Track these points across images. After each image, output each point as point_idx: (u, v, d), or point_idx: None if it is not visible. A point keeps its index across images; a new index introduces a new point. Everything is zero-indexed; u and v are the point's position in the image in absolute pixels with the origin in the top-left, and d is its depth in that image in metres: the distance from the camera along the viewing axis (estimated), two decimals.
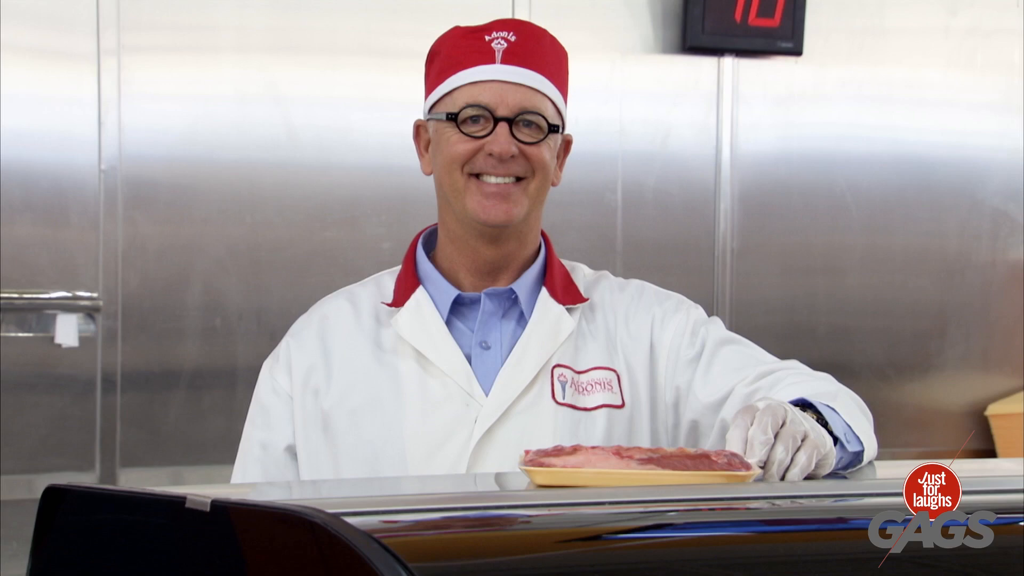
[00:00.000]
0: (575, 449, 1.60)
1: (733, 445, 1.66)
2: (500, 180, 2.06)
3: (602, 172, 4.62)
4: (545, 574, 1.27)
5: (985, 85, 5.00)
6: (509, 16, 4.45)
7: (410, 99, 2.13)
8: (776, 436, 1.66)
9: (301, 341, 2.15)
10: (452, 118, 2.06)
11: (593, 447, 1.60)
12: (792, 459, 1.67)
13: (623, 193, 4.64)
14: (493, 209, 2.06)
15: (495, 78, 2.06)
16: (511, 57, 2.07)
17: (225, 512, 1.32)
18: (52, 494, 1.51)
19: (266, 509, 1.33)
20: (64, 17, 4.11)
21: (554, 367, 2.09)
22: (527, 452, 1.61)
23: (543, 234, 2.20)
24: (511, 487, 1.71)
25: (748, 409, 1.70)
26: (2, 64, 4.05)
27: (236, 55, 4.28)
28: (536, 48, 2.10)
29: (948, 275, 5.00)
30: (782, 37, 4.66)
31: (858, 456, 1.84)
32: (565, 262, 2.22)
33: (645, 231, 4.67)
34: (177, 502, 1.35)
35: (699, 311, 2.18)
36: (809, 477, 1.68)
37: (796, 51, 4.69)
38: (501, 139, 2.04)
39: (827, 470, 1.72)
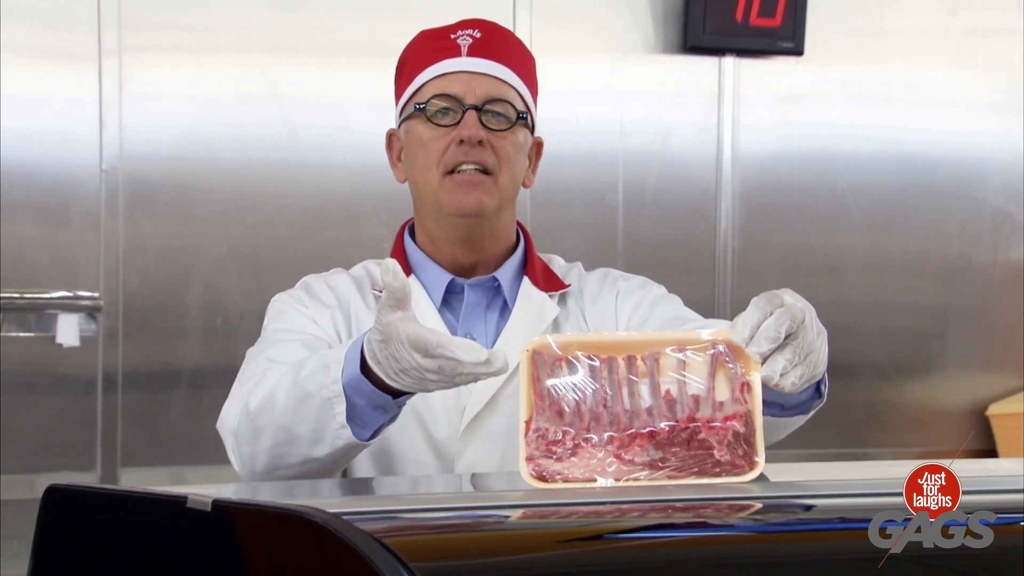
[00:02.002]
0: (576, 448, 1.59)
1: (741, 326, 1.63)
2: (470, 168, 2.09)
3: (603, 172, 4.62)
4: (546, 574, 1.27)
5: (986, 85, 4.99)
6: (510, 16, 4.46)
7: None
8: (788, 339, 1.64)
9: (316, 295, 2.17)
10: (421, 108, 2.10)
11: (595, 442, 1.60)
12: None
13: (624, 193, 4.64)
14: (466, 197, 2.10)
15: (462, 69, 2.10)
16: (477, 51, 2.11)
17: (226, 512, 1.32)
18: (53, 494, 1.51)
19: (267, 509, 1.33)
20: (65, 17, 4.11)
21: None
22: (528, 424, 1.61)
23: (523, 228, 2.25)
24: (512, 487, 1.71)
25: (774, 297, 1.68)
26: (3, 64, 4.05)
27: (237, 55, 4.28)
28: (501, 44, 2.15)
29: (949, 275, 5.00)
30: (783, 37, 4.66)
31: (811, 402, 1.86)
32: (541, 255, 2.26)
33: (646, 231, 4.67)
34: (178, 502, 1.35)
35: (660, 288, 2.24)
36: None
37: (797, 51, 4.69)
38: (470, 124, 2.07)
39: (800, 390, 1.70)
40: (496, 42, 2.14)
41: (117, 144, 4.15)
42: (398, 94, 2.20)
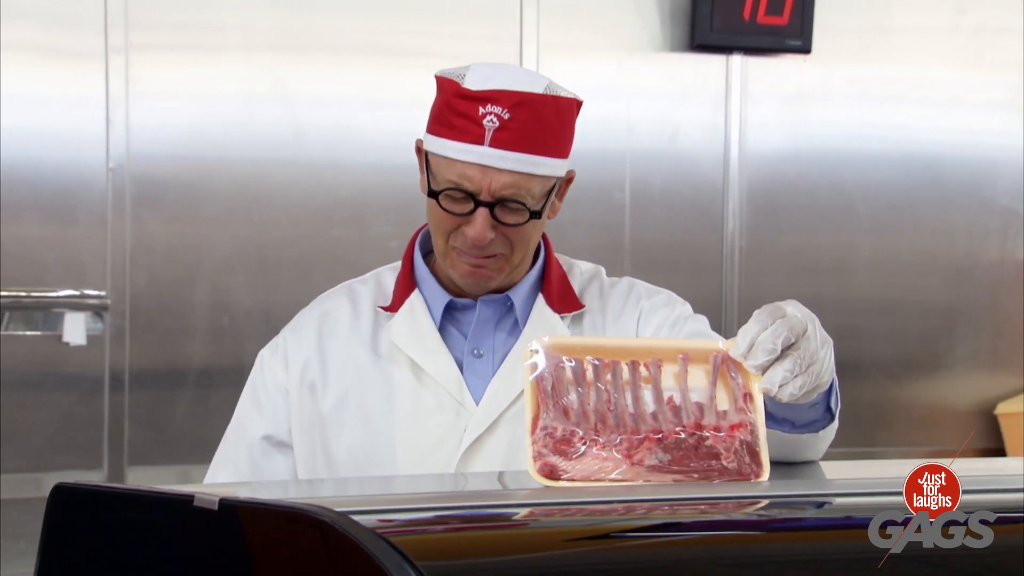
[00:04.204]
0: (585, 448, 1.59)
1: (741, 339, 1.65)
2: (477, 261, 2.04)
3: (610, 170, 4.62)
4: (553, 573, 1.27)
5: (993, 84, 4.99)
6: (517, 14, 4.45)
7: (417, 98, 2.12)
8: (788, 349, 1.64)
9: (300, 336, 2.14)
10: (434, 196, 2.02)
11: (603, 443, 1.60)
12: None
13: (631, 192, 4.64)
14: (472, 277, 2.05)
15: (480, 162, 1.98)
16: (500, 139, 1.97)
17: (233, 511, 1.32)
18: (60, 492, 1.51)
19: (274, 507, 1.33)
20: (72, 16, 4.12)
21: None
22: (535, 423, 1.60)
23: (543, 237, 2.17)
24: (519, 486, 1.70)
25: (776, 309, 1.67)
26: (10, 63, 4.05)
27: (243, 54, 4.29)
28: (530, 121, 1.99)
29: (957, 274, 4.99)
30: (791, 35, 4.66)
31: (822, 423, 1.84)
32: (562, 259, 2.20)
33: (653, 230, 4.66)
34: (185, 500, 1.35)
35: (686, 307, 2.17)
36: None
37: (805, 49, 4.68)
38: (478, 226, 1.99)
39: (804, 400, 1.69)
40: (524, 121, 1.98)
41: (124, 143, 4.15)
42: (430, 115, 2.07)
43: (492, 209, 1.99)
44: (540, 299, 2.13)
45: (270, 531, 1.30)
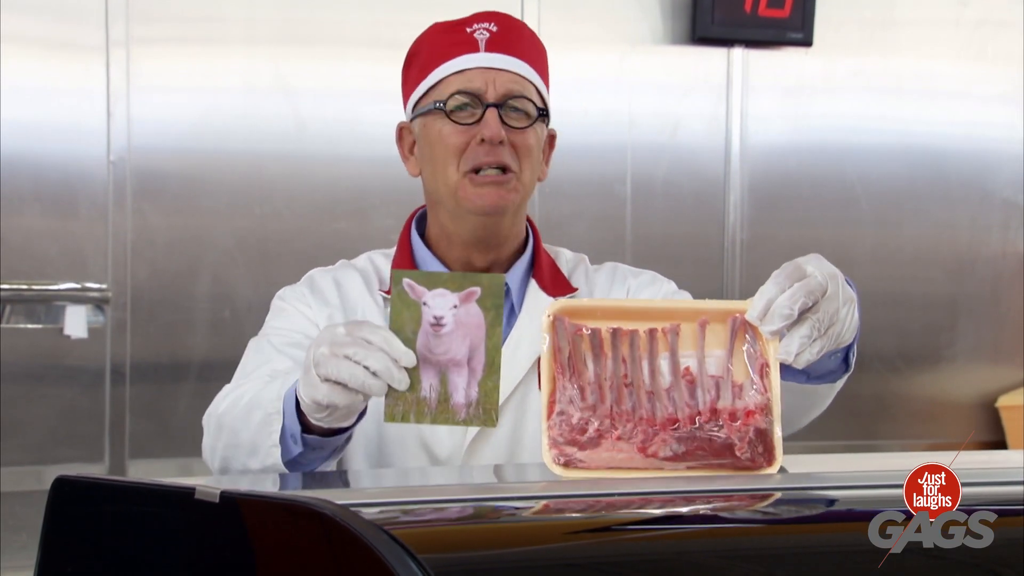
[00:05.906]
0: (599, 438, 1.59)
1: (757, 300, 1.64)
2: (492, 171, 2.06)
3: (611, 164, 4.61)
4: (556, 565, 1.27)
5: (996, 76, 4.98)
6: (519, 7, 4.45)
7: None
8: (807, 312, 1.63)
9: (320, 295, 2.14)
10: (441, 107, 2.06)
11: (617, 435, 1.60)
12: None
13: (632, 185, 4.63)
14: (487, 195, 2.07)
15: (481, 65, 2.07)
16: (495, 46, 2.08)
17: (234, 503, 1.32)
18: (62, 485, 1.51)
19: (275, 500, 1.33)
20: (73, 8, 4.11)
21: None
22: (551, 406, 1.60)
23: (531, 223, 2.22)
24: (522, 478, 1.70)
25: (796, 269, 1.67)
26: (11, 56, 4.05)
27: (245, 47, 4.28)
28: (518, 38, 2.12)
29: (958, 267, 4.99)
30: (792, 28, 4.65)
31: (839, 373, 1.87)
32: (548, 248, 2.22)
33: (654, 223, 4.66)
34: (186, 493, 1.35)
35: (670, 284, 2.21)
36: None
37: (806, 42, 4.68)
38: (491, 124, 2.04)
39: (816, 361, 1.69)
40: (513, 36, 2.11)
41: (125, 136, 4.15)
42: (409, 86, 2.16)
43: (500, 113, 2.04)
44: (533, 283, 2.16)
45: (271, 524, 1.30)
